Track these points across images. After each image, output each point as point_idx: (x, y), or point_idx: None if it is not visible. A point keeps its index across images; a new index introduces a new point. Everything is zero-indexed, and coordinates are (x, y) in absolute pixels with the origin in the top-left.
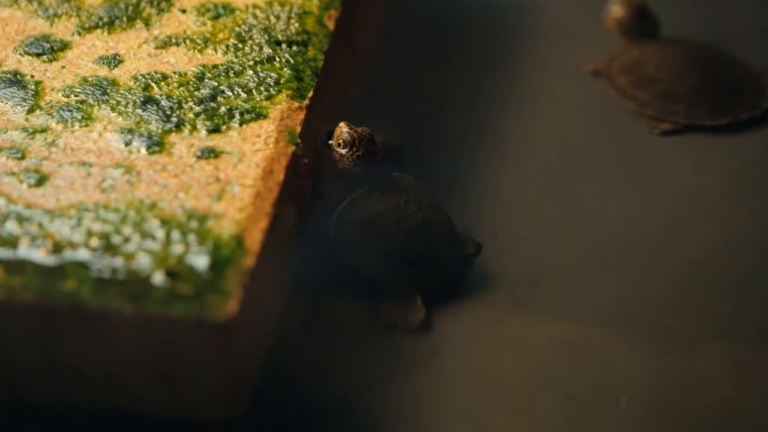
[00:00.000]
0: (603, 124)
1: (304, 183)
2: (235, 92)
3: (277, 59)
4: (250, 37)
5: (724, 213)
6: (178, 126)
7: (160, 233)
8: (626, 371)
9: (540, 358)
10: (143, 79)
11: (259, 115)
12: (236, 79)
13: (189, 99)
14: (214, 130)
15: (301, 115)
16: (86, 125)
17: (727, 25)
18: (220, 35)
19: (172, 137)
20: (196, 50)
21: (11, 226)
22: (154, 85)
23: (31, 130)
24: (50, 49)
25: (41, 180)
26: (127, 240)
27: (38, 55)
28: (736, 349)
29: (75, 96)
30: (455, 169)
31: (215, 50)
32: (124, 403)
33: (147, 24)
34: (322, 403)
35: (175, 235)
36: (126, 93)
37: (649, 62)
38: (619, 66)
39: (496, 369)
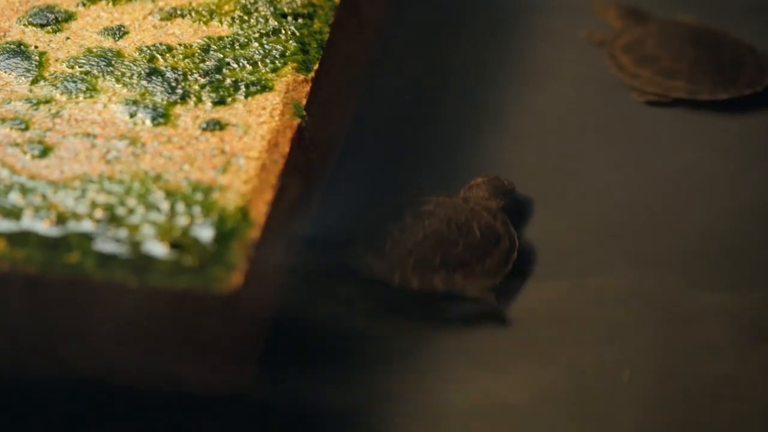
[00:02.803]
0: (605, 97)
1: (309, 155)
2: (241, 64)
3: (283, 31)
4: (256, 9)
5: (727, 186)
6: (183, 98)
7: (164, 205)
8: (629, 344)
9: (542, 329)
10: (148, 51)
11: (265, 88)
12: (242, 52)
13: (194, 71)
14: (220, 102)
15: (307, 88)
16: (91, 96)
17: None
18: (226, 7)
19: (177, 109)
20: (201, 22)
21: (15, 197)
22: (159, 57)
23: (35, 101)
24: (54, 19)
25: (45, 151)
26: (131, 212)
27: (42, 25)
28: (740, 322)
29: (79, 67)
30: (458, 141)
31: (221, 22)
32: (127, 376)
33: None
34: (326, 377)
35: (180, 207)
36: (131, 64)
37: (650, 40)
38: (622, 45)
39: (497, 340)
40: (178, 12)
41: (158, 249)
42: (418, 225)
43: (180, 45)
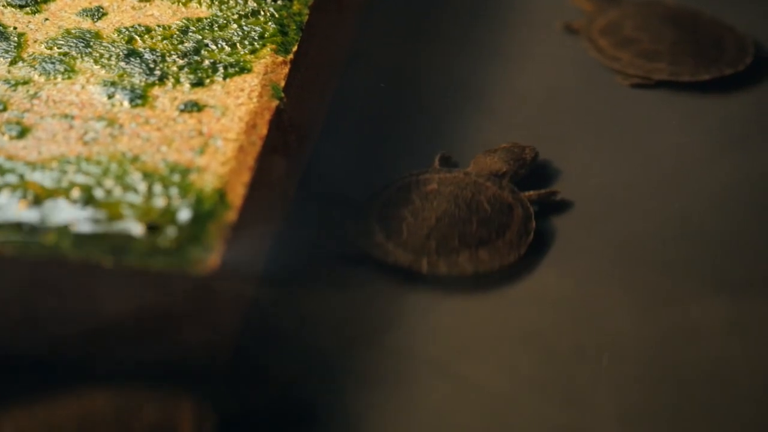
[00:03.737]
0: (588, 80)
1: (287, 137)
2: (219, 46)
3: (262, 13)
4: None
5: (710, 169)
6: (162, 79)
7: (142, 186)
8: (610, 327)
9: (522, 313)
10: (127, 32)
11: (243, 69)
12: (220, 33)
13: (173, 52)
14: (198, 83)
15: (286, 69)
16: (69, 78)
17: None
18: None
19: (155, 90)
20: (180, 3)
21: None
22: (137, 38)
23: (13, 82)
24: (33, 1)
25: (23, 132)
26: (108, 193)
27: (21, 6)
28: (721, 305)
29: (58, 48)
30: (440, 122)
31: (199, 3)
32: (105, 356)
33: None
34: (303, 358)
35: (157, 188)
36: (109, 46)
37: (628, 23)
38: (599, 28)
39: (477, 325)
40: None
41: (135, 230)
42: (428, 207)
43: (159, 26)
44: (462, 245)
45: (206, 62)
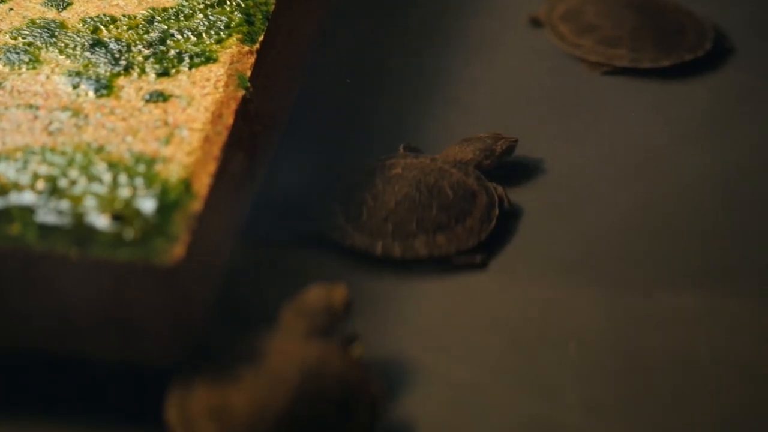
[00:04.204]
0: (554, 69)
1: (254, 127)
2: (185, 36)
3: (228, 3)
4: None
5: (677, 158)
6: (127, 69)
7: (107, 177)
8: (575, 317)
9: (489, 304)
10: (92, 22)
11: (209, 59)
12: (186, 23)
13: (138, 42)
14: (163, 73)
15: (252, 59)
16: (33, 68)
17: None
18: None
19: (121, 80)
20: None
21: None
22: (102, 28)
23: None
24: None
25: None
26: (73, 183)
27: None
28: (687, 294)
29: (22, 38)
30: (406, 113)
31: None
32: (71, 348)
33: None
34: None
35: (123, 178)
36: (74, 36)
37: (589, 9)
38: (559, 14)
39: (444, 316)
40: None
41: (100, 221)
42: (389, 191)
43: (124, 16)
44: (419, 229)
45: (172, 52)
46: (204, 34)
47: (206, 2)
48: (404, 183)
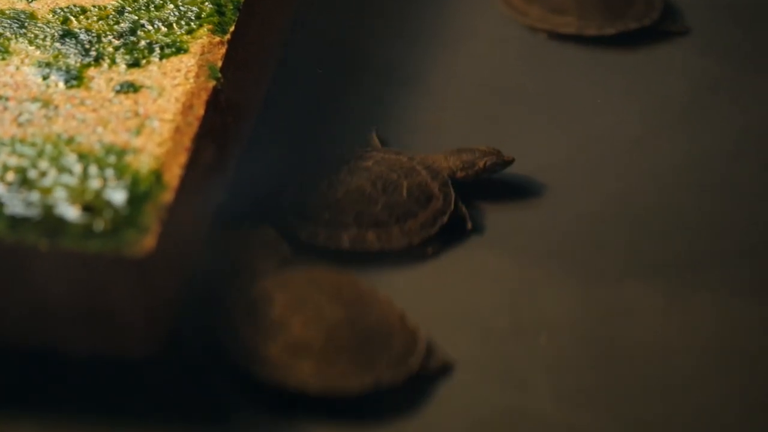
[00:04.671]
0: (526, 59)
1: (225, 118)
2: (156, 26)
3: None
4: None
5: (651, 148)
6: (97, 60)
7: (77, 168)
8: (548, 306)
9: (459, 292)
10: (62, 13)
11: (180, 50)
12: (157, 13)
13: (108, 33)
14: (134, 64)
15: (223, 50)
16: (3, 59)
17: None
18: None
19: (91, 71)
20: None
21: None
22: (72, 19)
23: None
24: None
25: None
26: (43, 174)
27: None
28: (657, 284)
29: None
30: (378, 103)
31: None
32: (41, 340)
33: None
34: (239, 340)
35: (93, 169)
36: (44, 26)
37: None
38: None
39: (414, 303)
40: None
41: (70, 212)
42: (346, 182)
43: (94, 6)
44: (354, 222)
45: (142, 43)
46: (174, 25)
47: None
48: (364, 176)
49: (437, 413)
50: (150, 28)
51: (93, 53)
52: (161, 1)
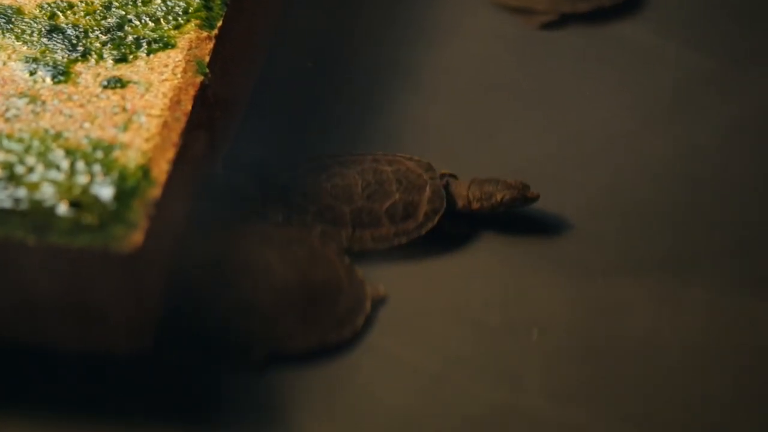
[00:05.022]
0: (513, 52)
1: (213, 113)
2: (143, 21)
3: None
4: None
5: (640, 141)
6: (85, 55)
7: (64, 163)
8: (540, 302)
9: (451, 288)
10: (49, 8)
11: (167, 45)
12: (144, 8)
13: (96, 28)
14: (121, 59)
15: (210, 45)
16: None
17: None
18: None
19: (78, 67)
20: None
21: None
22: (60, 14)
23: None
24: None
25: None
26: (30, 170)
27: None
28: (649, 280)
29: None
30: (367, 99)
31: None
32: (29, 336)
33: None
34: (227, 335)
35: (80, 165)
36: (31, 21)
37: None
38: None
39: (406, 300)
40: None
41: (58, 207)
42: (341, 177)
43: (81, 2)
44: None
45: (130, 38)
46: (162, 20)
47: None
48: (356, 179)
49: (431, 410)
50: (137, 23)
51: (80, 48)
52: None
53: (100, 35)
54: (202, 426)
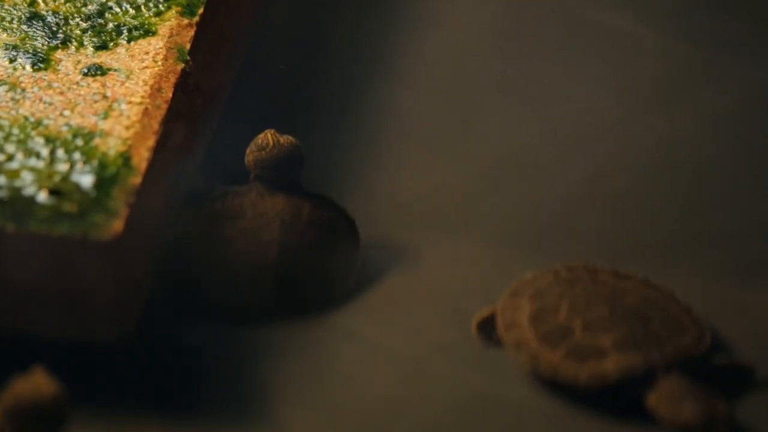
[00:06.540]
0: (495, 43)
1: (194, 101)
2: (124, 8)
3: None
4: None
5: (622, 132)
6: (65, 42)
7: (44, 151)
8: None
9: (431, 276)
10: None
11: (148, 32)
12: None
13: (76, 15)
14: (102, 46)
15: (191, 32)
16: None
17: None
18: None
19: (58, 54)
20: None
21: None
22: (40, 1)
23: None
24: None
25: None
26: (10, 158)
27: None
28: (633, 268)
29: None
30: (350, 89)
31: None
32: (11, 324)
33: None
34: (210, 323)
35: (60, 153)
36: (11, 9)
37: None
38: None
39: (387, 290)
40: None
41: (38, 195)
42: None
43: None
44: None
45: (110, 25)
46: (143, 7)
47: None
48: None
49: (411, 398)
50: (118, 10)
51: (60, 36)
52: None
53: (80, 22)
54: (183, 415)
